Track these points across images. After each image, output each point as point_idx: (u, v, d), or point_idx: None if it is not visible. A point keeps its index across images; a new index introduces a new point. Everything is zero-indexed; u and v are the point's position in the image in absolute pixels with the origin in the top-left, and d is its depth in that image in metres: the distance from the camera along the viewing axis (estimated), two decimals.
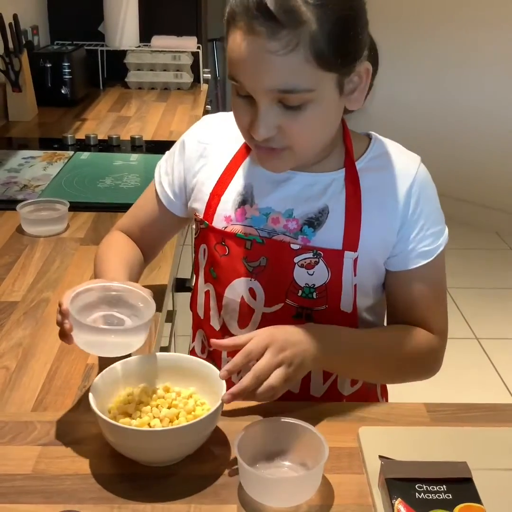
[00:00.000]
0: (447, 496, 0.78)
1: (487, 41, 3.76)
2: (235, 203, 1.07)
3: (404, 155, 1.06)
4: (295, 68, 0.87)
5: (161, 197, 1.16)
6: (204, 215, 1.09)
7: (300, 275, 1.03)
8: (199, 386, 0.94)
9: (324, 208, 1.03)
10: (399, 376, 1.10)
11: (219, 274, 1.09)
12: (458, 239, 3.77)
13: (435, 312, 1.08)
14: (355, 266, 1.02)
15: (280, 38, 0.85)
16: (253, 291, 1.06)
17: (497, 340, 2.96)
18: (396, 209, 1.02)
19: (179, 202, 1.15)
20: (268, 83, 0.89)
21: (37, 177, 1.86)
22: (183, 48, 2.98)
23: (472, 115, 3.93)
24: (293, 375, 0.91)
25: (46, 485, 0.84)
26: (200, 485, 0.84)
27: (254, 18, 0.86)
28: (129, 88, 3.01)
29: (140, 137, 2.21)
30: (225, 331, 1.11)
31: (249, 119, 0.94)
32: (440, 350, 1.09)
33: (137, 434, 0.83)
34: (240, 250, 1.05)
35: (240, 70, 0.90)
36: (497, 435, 0.94)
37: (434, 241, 1.05)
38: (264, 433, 0.86)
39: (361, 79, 0.94)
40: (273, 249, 1.03)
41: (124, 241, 1.19)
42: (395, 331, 1.07)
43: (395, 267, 1.05)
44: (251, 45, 0.87)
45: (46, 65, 2.60)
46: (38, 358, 1.09)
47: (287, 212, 1.04)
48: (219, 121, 1.14)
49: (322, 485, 0.83)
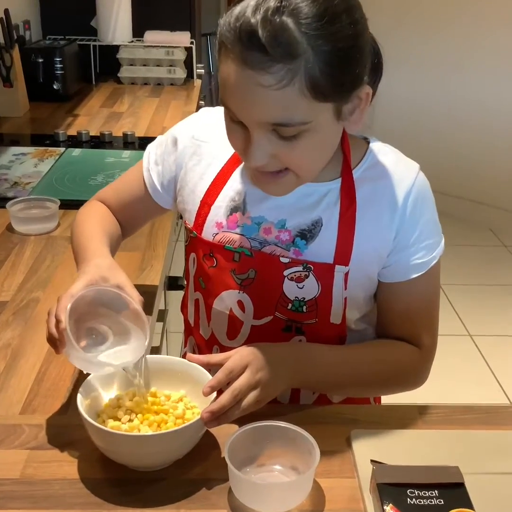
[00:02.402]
0: (439, 502, 0.78)
1: (490, 38, 3.74)
2: (227, 209, 1.04)
3: (402, 164, 1.02)
4: (290, 102, 0.82)
5: (148, 185, 1.13)
6: (193, 225, 1.06)
7: (289, 289, 1.00)
8: (189, 389, 0.93)
9: (318, 220, 1.00)
10: (380, 391, 1.09)
11: (207, 285, 1.07)
12: (451, 236, 3.71)
13: (424, 326, 1.05)
14: (346, 280, 0.99)
15: (273, 72, 0.80)
16: (242, 304, 1.04)
17: (491, 337, 2.96)
18: (391, 220, 0.99)
19: (166, 195, 1.13)
20: (260, 116, 0.85)
21: (28, 174, 1.85)
22: (177, 43, 2.96)
23: (469, 112, 3.92)
24: (265, 396, 0.90)
25: (34, 490, 0.83)
26: (190, 490, 0.83)
27: (246, 49, 0.81)
28: (122, 83, 2.98)
29: (132, 133, 2.20)
30: (214, 341, 1.09)
31: (243, 143, 0.90)
32: (423, 368, 1.06)
33: (124, 439, 0.82)
34: (229, 262, 1.03)
35: (232, 99, 0.86)
36: (490, 438, 0.93)
37: (427, 253, 1.01)
38: (254, 436, 0.85)
39: (361, 101, 0.89)
40: (262, 262, 1.01)
41: (105, 214, 1.15)
42: (377, 347, 1.05)
43: (386, 278, 1.03)
44: (243, 78, 0.82)
45: (38, 60, 2.57)
46: (27, 360, 1.08)
47: (279, 223, 1.01)
48: (217, 118, 1.07)
49: (313, 489, 0.82)
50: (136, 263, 1.38)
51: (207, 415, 0.84)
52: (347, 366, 1.01)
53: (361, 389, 1.06)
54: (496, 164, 3.89)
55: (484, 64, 3.81)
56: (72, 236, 1.13)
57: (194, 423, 0.83)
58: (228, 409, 0.85)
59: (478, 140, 3.91)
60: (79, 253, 1.05)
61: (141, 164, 1.15)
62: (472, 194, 4.01)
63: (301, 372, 0.96)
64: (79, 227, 1.11)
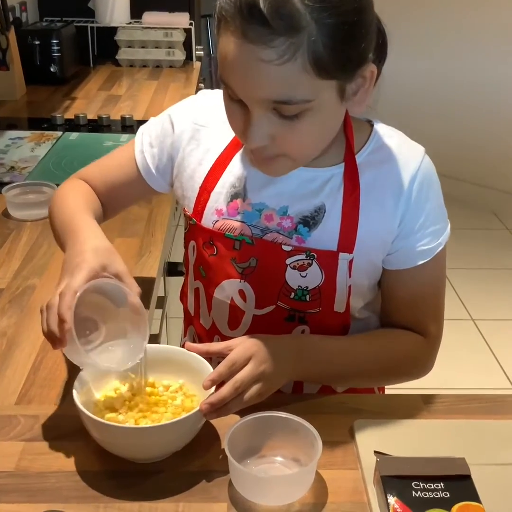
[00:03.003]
0: (444, 495, 0.75)
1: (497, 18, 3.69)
2: (228, 195, 1.00)
3: (407, 147, 0.99)
4: (292, 79, 0.79)
5: (141, 167, 1.08)
6: (193, 212, 1.03)
7: (292, 277, 0.98)
8: (189, 379, 0.91)
9: (321, 206, 0.97)
10: (384, 382, 1.07)
11: (208, 273, 1.04)
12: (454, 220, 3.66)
13: (430, 314, 1.03)
14: (350, 268, 0.97)
15: (275, 46, 0.77)
16: (243, 293, 1.01)
17: (493, 322, 2.94)
18: (396, 205, 0.96)
19: (161, 178, 1.08)
20: (261, 94, 0.81)
21: (24, 158, 1.82)
22: (175, 24, 2.91)
23: (473, 95, 3.87)
24: (268, 389, 0.87)
25: (29, 483, 0.81)
26: (189, 482, 0.81)
27: (247, 22, 0.77)
28: (120, 66, 2.94)
29: (130, 116, 2.16)
30: (215, 331, 1.06)
31: (243, 124, 0.87)
32: (428, 356, 1.04)
33: (121, 431, 0.80)
34: (229, 251, 1.00)
35: (232, 76, 0.83)
36: (496, 427, 0.91)
37: (433, 239, 0.99)
38: (255, 427, 0.83)
39: (365, 80, 0.86)
40: (263, 250, 0.98)
41: (88, 192, 1.08)
42: (381, 337, 1.03)
43: (391, 265, 1.00)
44: (244, 52, 0.79)
45: (35, 42, 2.53)
46: (22, 349, 1.06)
47: (281, 209, 0.98)
48: (215, 102, 1.03)
49: (316, 481, 0.80)
50: (135, 249, 1.36)
51: (206, 407, 0.81)
52: (350, 357, 0.99)
53: (365, 380, 1.04)
54: (500, 147, 3.85)
55: (489, 45, 3.75)
56: (52, 215, 1.05)
57: (192, 415, 0.81)
58: (228, 401, 0.83)
59: (482, 123, 3.86)
60: (65, 232, 0.97)
61: (131, 146, 1.10)
62: (475, 177, 3.97)
63: (304, 365, 0.94)
64: (62, 203, 1.04)
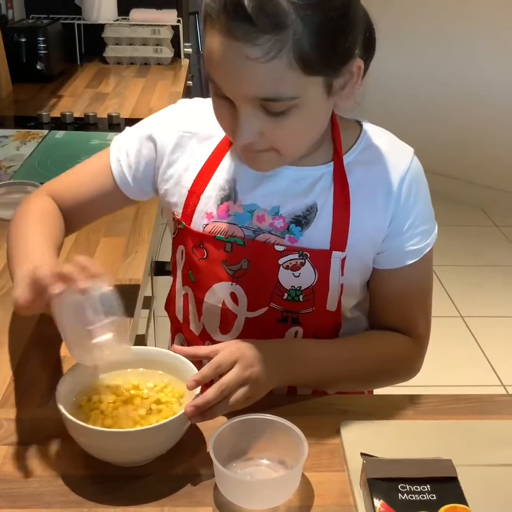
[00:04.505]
0: (431, 497, 0.75)
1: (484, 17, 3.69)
2: (217, 198, 0.99)
3: (396, 147, 1.00)
4: (278, 76, 0.79)
5: (117, 176, 1.05)
6: (182, 216, 1.01)
7: (285, 277, 0.97)
8: (173, 380, 0.90)
9: (313, 205, 0.96)
10: (374, 385, 1.07)
11: (197, 278, 1.02)
12: (442, 216, 3.68)
13: (417, 315, 1.03)
14: (342, 266, 0.97)
15: (260, 44, 0.77)
16: (235, 296, 1.00)
17: (482, 318, 2.95)
18: (386, 205, 0.97)
19: (137, 187, 1.07)
20: (247, 91, 0.81)
21: (9, 157, 1.80)
22: (163, 21, 2.90)
23: (461, 92, 3.87)
24: (255, 394, 0.87)
25: (12, 488, 0.80)
26: (174, 486, 0.80)
27: (231, 20, 0.77)
28: (108, 63, 2.92)
29: (117, 115, 2.15)
30: (206, 336, 1.05)
31: (231, 121, 0.86)
32: (417, 358, 1.05)
33: (104, 435, 0.79)
34: (220, 253, 0.98)
35: (218, 73, 0.83)
36: (483, 428, 0.91)
37: (422, 239, 0.99)
38: (241, 430, 0.83)
39: (352, 75, 0.86)
40: (255, 251, 0.97)
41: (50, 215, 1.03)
42: (371, 340, 1.03)
43: (380, 264, 1.01)
44: (229, 50, 0.79)
45: (21, 39, 2.50)
46: (5, 350, 1.04)
47: (273, 210, 0.97)
48: (199, 109, 1.05)
49: (302, 484, 0.80)
50: (121, 249, 1.35)
51: (191, 409, 0.81)
52: (340, 362, 0.98)
53: (354, 384, 1.04)
54: (488, 144, 3.86)
55: (477, 44, 3.76)
56: (9, 237, 1.00)
57: (176, 418, 0.80)
58: (214, 405, 0.82)
59: (469, 120, 3.87)
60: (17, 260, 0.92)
61: (106, 155, 1.07)
62: (463, 173, 3.97)
63: (293, 370, 0.93)
64: (19, 229, 0.99)
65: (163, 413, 0.85)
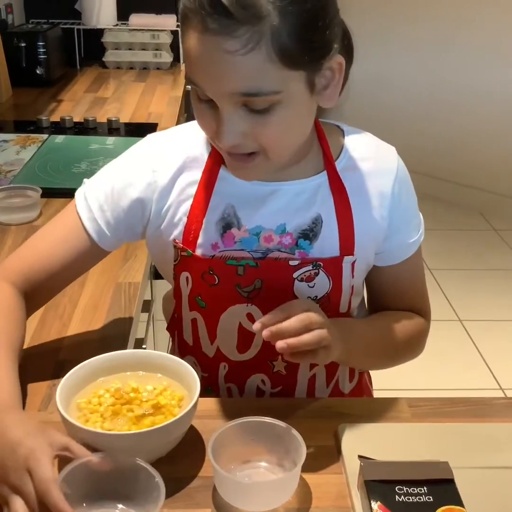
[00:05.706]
0: (428, 499, 0.76)
1: (476, 18, 3.70)
2: (219, 228, 0.97)
3: (383, 148, 1.02)
4: (258, 69, 0.79)
5: (93, 234, 0.99)
6: (183, 242, 0.98)
7: (300, 290, 0.97)
8: (173, 382, 0.90)
9: (317, 217, 0.97)
10: (394, 362, 1.09)
11: (209, 304, 1.00)
12: (441, 220, 3.74)
13: (422, 296, 1.10)
14: (353, 269, 0.99)
15: (238, 36, 0.77)
16: (251, 316, 0.98)
17: (481, 322, 2.95)
18: (382, 206, 0.99)
19: (114, 237, 1.01)
20: (228, 87, 0.81)
21: (9, 161, 1.81)
22: (162, 26, 2.91)
23: (458, 95, 3.88)
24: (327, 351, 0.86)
25: None
26: (173, 488, 0.80)
27: (208, 15, 0.77)
28: (107, 68, 2.94)
29: (117, 119, 2.16)
30: (221, 357, 1.03)
31: (214, 124, 0.85)
32: (428, 331, 1.11)
33: (104, 437, 0.79)
34: (232, 278, 0.96)
35: (198, 73, 0.82)
36: (480, 431, 0.92)
37: (417, 231, 1.05)
38: (240, 433, 0.83)
39: (334, 73, 0.86)
40: (268, 269, 0.96)
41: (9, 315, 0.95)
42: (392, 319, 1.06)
43: (385, 262, 1.04)
44: (207, 45, 0.79)
45: (21, 44, 2.52)
46: None
47: (279, 228, 0.97)
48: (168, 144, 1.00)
49: (300, 486, 0.81)
50: (120, 253, 1.35)
51: (257, 325, 0.81)
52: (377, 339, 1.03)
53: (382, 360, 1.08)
54: (486, 148, 3.87)
55: (470, 45, 3.77)
56: None
57: (175, 421, 0.80)
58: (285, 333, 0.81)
59: (467, 123, 3.88)
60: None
61: (69, 218, 1.00)
62: (462, 177, 3.98)
63: (347, 346, 0.93)
64: None
65: (162, 416, 0.85)
